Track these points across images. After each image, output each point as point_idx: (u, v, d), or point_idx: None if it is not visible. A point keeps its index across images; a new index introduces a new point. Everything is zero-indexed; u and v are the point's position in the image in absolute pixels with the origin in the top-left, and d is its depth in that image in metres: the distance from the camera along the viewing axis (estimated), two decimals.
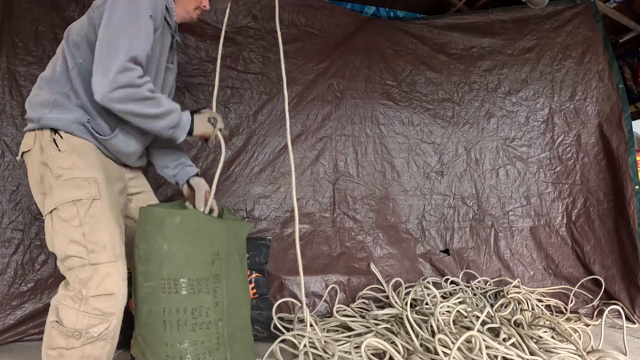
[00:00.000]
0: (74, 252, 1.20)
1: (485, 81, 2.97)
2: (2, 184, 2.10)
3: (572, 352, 1.77)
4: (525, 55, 2.98)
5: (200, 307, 1.27)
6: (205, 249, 1.31)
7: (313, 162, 2.69)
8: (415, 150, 2.87)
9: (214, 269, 1.30)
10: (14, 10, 2.18)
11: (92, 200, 1.23)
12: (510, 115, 2.96)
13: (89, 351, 1.17)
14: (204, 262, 1.29)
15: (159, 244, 1.25)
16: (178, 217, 1.28)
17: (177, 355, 1.24)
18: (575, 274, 2.76)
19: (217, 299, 1.30)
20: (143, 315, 1.28)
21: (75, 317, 1.16)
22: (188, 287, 1.25)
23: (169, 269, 1.25)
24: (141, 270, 1.28)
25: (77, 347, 1.16)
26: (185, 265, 1.26)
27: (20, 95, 2.16)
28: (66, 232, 1.21)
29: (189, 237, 1.28)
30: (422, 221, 2.83)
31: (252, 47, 2.60)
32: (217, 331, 1.29)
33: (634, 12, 3.32)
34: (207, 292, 1.28)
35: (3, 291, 2.02)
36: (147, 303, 1.27)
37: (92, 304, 1.17)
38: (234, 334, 1.36)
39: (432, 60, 2.94)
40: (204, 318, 1.26)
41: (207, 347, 1.27)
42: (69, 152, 1.27)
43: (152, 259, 1.26)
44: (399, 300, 2.27)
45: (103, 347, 1.19)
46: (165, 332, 1.24)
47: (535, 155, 2.94)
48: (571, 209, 2.88)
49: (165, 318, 1.24)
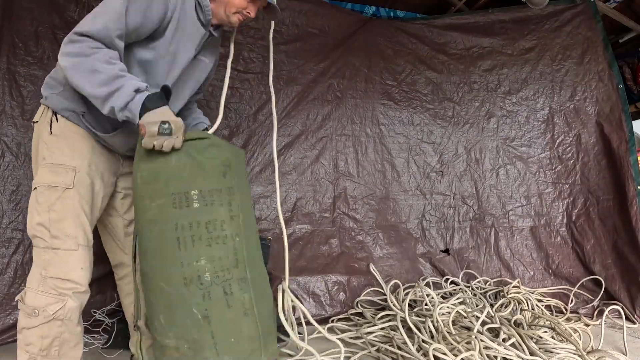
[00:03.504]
0: (39, 233, 1.26)
1: (485, 81, 2.97)
2: (2, 184, 2.10)
3: (572, 352, 1.78)
4: (525, 55, 2.99)
5: (215, 220, 1.18)
6: (217, 160, 1.22)
7: (313, 161, 2.69)
8: (416, 150, 2.88)
9: (226, 181, 1.22)
10: (14, 10, 2.18)
11: (65, 188, 1.27)
12: (511, 115, 2.96)
13: (46, 330, 1.22)
14: (215, 172, 1.21)
15: (166, 159, 1.18)
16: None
17: (195, 274, 1.16)
18: (575, 273, 2.76)
19: (233, 213, 1.21)
20: (151, 239, 1.20)
21: (34, 295, 1.23)
22: (200, 199, 1.17)
23: (177, 182, 1.18)
24: (146, 192, 1.20)
25: (35, 325, 1.22)
26: (195, 177, 1.19)
27: (20, 95, 2.16)
28: (37, 214, 1.27)
29: (199, 149, 1.21)
30: (422, 221, 2.83)
31: (252, 46, 2.60)
32: (234, 247, 1.20)
33: (634, 12, 3.31)
34: (221, 204, 1.19)
35: (3, 291, 2.02)
36: (156, 224, 1.18)
37: (49, 284, 1.23)
38: (254, 255, 1.28)
39: (432, 60, 2.94)
40: (219, 232, 1.18)
41: (224, 264, 1.18)
42: (58, 136, 1.31)
43: (160, 176, 1.18)
44: (397, 304, 2.27)
45: (60, 326, 1.24)
46: (179, 250, 1.16)
47: (535, 155, 2.94)
48: (571, 209, 2.88)
49: (179, 235, 1.16)
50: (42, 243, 1.26)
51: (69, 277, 1.24)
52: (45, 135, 1.32)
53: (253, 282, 1.23)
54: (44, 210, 1.26)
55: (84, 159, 1.32)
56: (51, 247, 1.25)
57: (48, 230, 1.25)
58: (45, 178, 1.28)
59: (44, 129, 1.33)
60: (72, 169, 1.29)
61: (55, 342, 1.24)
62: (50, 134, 1.31)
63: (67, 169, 1.29)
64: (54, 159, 1.29)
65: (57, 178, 1.28)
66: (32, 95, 2.18)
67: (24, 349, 1.26)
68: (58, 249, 1.25)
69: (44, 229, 1.26)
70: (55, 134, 1.31)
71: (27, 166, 2.15)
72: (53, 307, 1.22)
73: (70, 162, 1.30)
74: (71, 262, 1.26)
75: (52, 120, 1.31)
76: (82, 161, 1.31)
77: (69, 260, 1.26)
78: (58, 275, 1.24)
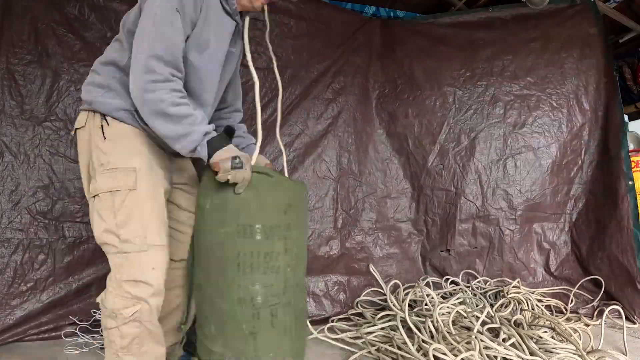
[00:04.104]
0: (108, 240, 1.29)
1: (489, 67, 2.90)
2: (2, 184, 2.10)
3: (572, 352, 1.78)
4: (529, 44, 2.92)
5: (272, 252, 1.34)
6: (280, 199, 1.38)
7: (315, 160, 2.69)
8: (415, 144, 2.85)
9: (286, 218, 1.38)
10: (13, 8, 2.17)
11: (128, 191, 1.28)
12: (511, 114, 2.95)
13: (125, 331, 1.26)
14: (278, 211, 1.37)
15: (236, 195, 1.32)
16: (257, 172, 1.37)
17: (249, 296, 1.31)
18: (575, 274, 2.75)
19: (288, 246, 1.37)
20: (214, 260, 1.35)
21: (112, 299, 1.27)
22: (262, 233, 1.33)
23: (246, 215, 1.33)
24: (215, 218, 1.36)
25: (115, 326, 1.26)
26: (260, 213, 1.34)
27: (20, 94, 2.15)
28: (102, 221, 1.29)
29: (265, 188, 1.36)
30: (423, 220, 2.82)
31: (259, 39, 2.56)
32: (285, 277, 1.36)
33: (634, 12, 3.31)
34: (279, 239, 1.35)
35: (3, 291, 2.02)
36: (220, 248, 1.34)
37: (124, 288, 1.26)
38: (300, 283, 1.44)
39: (432, 50, 2.89)
40: (274, 262, 1.34)
41: (275, 290, 1.34)
42: (113, 140, 1.31)
43: (229, 207, 1.33)
44: (397, 304, 2.27)
45: (138, 327, 1.26)
46: (238, 274, 1.31)
47: (535, 155, 2.92)
48: (572, 210, 2.87)
49: (240, 261, 1.31)
50: (113, 249, 1.28)
51: (142, 279, 1.26)
52: (98, 142, 1.31)
53: (295, 306, 1.40)
54: (110, 216, 1.28)
55: (142, 157, 1.33)
56: (122, 251, 1.27)
57: (117, 235, 1.27)
58: (106, 184, 1.29)
59: (94, 134, 1.32)
60: (132, 170, 1.30)
61: (135, 341, 1.27)
62: (104, 140, 1.31)
63: (127, 171, 1.29)
64: (112, 164, 1.29)
65: (119, 182, 1.28)
66: (31, 94, 2.18)
67: (108, 345, 1.31)
68: (128, 253, 1.27)
69: (112, 235, 1.28)
70: (109, 139, 1.31)
71: (27, 166, 2.14)
72: (129, 310, 1.25)
73: (130, 163, 1.30)
74: (142, 263, 1.28)
75: (102, 125, 1.32)
76: (141, 160, 1.32)
77: (140, 262, 1.28)
78: (130, 278, 1.26)
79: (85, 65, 2.26)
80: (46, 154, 2.18)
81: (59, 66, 2.22)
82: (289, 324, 1.37)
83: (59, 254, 2.14)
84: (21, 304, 2.03)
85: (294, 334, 1.39)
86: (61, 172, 2.19)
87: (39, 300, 2.06)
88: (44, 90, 2.20)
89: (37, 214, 2.13)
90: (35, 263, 2.10)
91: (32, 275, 2.08)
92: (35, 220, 2.13)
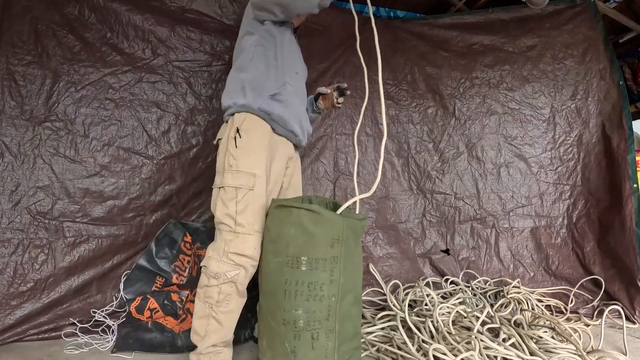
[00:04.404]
0: (226, 221, 1.65)
1: (487, 77, 2.95)
2: (2, 184, 2.10)
3: (572, 352, 1.78)
4: (526, 53, 2.98)
5: (315, 282, 1.50)
6: (326, 235, 1.52)
7: (313, 160, 2.69)
8: (416, 149, 2.87)
9: (332, 251, 1.52)
10: (13, 8, 2.17)
11: (248, 190, 1.66)
12: (512, 114, 2.96)
13: (224, 289, 1.63)
14: (323, 244, 1.52)
15: (288, 228, 1.55)
16: (304, 209, 1.56)
17: (292, 319, 1.49)
18: (575, 274, 2.76)
19: (333, 277, 1.51)
20: (269, 284, 1.57)
21: (217, 264, 1.63)
22: (307, 264, 1.50)
23: (293, 248, 1.52)
24: (271, 248, 1.60)
25: (215, 285, 1.63)
26: (307, 246, 1.51)
27: (20, 95, 2.16)
28: (224, 206, 1.66)
29: (312, 224, 1.52)
30: (423, 221, 2.83)
31: None
32: (329, 305, 1.50)
33: (634, 12, 3.31)
34: (324, 270, 1.51)
35: (2, 291, 2.02)
36: (273, 275, 1.56)
37: (230, 257, 1.63)
38: (347, 311, 1.55)
39: (432, 55, 2.93)
40: (317, 292, 1.49)
41: (317, 316, 1.49)
42: (242, 149, 1.69)
43: (281, 240, 1.56)
44: (397, 304, 2.27)
45: (232, 287, 1.64)
46: (284, 299, 1.51)
47: (536, 155, 2.93)
48: (572, 210, 2.88)
49: (286, 288, 1.51)
50: (228, 228, 1.64)
51: (245, 253, 1.63)
52: (231, 149, 1.70)
53: (340, 333, 1.53)
54: (232, 204, 1.65)
55: (262, 166, 1.70)
56: (234, 231, 1.63)
57: (234, 219, 1.63)
58: (233, 181, 1.67)
59: (229, 143, 1.71)
60: (253, 175, 1.67)
61: (227, 298, 1.64)
62: (235, 148, 1.69)
63: (249, 175, 1.67)
64: (239, 167, 1.67)
65: (242, 182, 1.66)
66: (31, 94, 2.18)
67: (203, 300, 1.65)
68: (239, 233, 1.63)
69: (230, 218, 1.64)
70: (239, 147, 1.69)
71: (27, 166, 2.15)
72: (231, 273, 1.62)
73: (252, 170, 1.68)
74: (248, 242, 1.64)
75: (235, 137, 1.70)
76: (261, 169, 1.69)
77: (247, 241, 1.64)
78: (237, 251, 1.62)
79: (85, 66, 2.27)
80: (46, 154, 2.18)
81: (59, 67, 2.22)
82: (331, 349, 1.51)
83: (59, 254, 2.14)
84: (21, 304, 2.03)
85: (335, 358, 1.52)
86: (61, 172, 2.20)
87: (38, 301, 2.06)
88: (44, 91, 2.20)
89: (37, 214, 2.13)
90: (35, 263, 2.10)
91: (32, 275, 2.08)
92: (35, 220, 2.13)
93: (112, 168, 2.28)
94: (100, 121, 2.29)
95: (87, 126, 2.26)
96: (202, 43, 2.48)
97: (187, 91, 2.44)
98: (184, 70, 2.43)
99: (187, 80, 2.44)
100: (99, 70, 2.29)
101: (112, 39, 2.32)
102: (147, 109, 2.37)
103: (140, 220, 2.30)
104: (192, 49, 2.46)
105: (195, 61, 2.46)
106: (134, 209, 2.29)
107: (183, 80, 2.43)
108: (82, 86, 2.26)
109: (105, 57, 2.31)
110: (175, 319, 2.10)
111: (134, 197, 2.30)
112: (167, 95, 2.41)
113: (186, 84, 2.44)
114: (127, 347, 1.95)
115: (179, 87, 2.43)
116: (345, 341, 1.55)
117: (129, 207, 2.28)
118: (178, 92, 2.43)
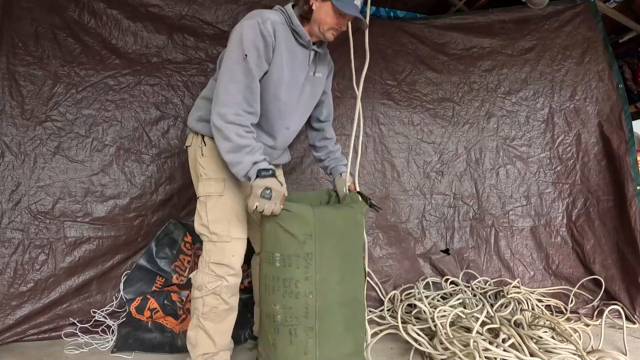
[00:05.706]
0: (203, 231, 1.64)
1: (485, 81, 2.97)
2: (2, 184, 2.10)
3: (572, 352, 1.77)
4: (525, 55, 2.98)
5: (290, 279, 1.49)
6: (297, 230, 1.50)
7: (313, 161, 2.69)
8: (416, 150, 2.88)
9: (306, 247, 1.50)
10: (14, 10, 2.18)
11: (218, 195, 1.62)
12: (511, 115, 2.96)
13: (208, 301, 1.61)
14: (294, 241, 1.50)
15: (265, 223, 1.56)
16: None
17: (271, 313, 1.52)
18: (575, 274, 2.76)
19: (308, 275, 1.49)
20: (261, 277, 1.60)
21: (200, 275, 1.62)
22: (280, 260, 1.50)
23: (269, 244, 1.54)
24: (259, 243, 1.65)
25: (200, 296, 1.61)
26: (279, 243, 1.51)
27: (20, 95, 2.16)
28: (200, 217, 1.65)
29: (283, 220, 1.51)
30: (422, 221, 2.83)
31: None
32: (306, 302, 1.49)
33: (634, 12, 3.31)
34: (297, 267, 1.49)
35: (3, 291, 2.03)
36: (261, 269, 1.59)
37: (211, 268, 1.61)
38: (330, 311, 1.53)
39: (432, 60, 2.94)
40: (293, 288, 1.49)
41: (294, 312, 1.49)
42: (208, 157, 1.64)
43: (264, 235, 1.58)
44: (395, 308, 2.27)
45: (216, 299, 1.61)
46: (265, 293, 1.55)
47: (535, 155, 2.93)
48: (571, 209, 2.88)
49: (266, 283, 1.54)
50: (206, 238, 1.63)
51: (224, 262, 1.60)
52: (199, 158, 1.66)
53: (321, 331, 1.51)
54: (204, 214, 1.62)
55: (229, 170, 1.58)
56: (211, 240, 1.61)
57: (208, 228, 1.61)
58: (204, 190, 1.64)
59: (196, 152, 1.68)
60: (222, 180, 1.62)
61: (213, 310, 1.61)
62: (202, 156, 1.65)
63: (217, 180, 1.63)
64: (208, 175, 1.64)
65: (212, 189, 1.63)
66: (32, 94, 2.19)
67: (193, 310, 1.66)
68: (216, 242, 1.61)
69: (205, 228, 1.62)
70: (205, 156, 1.65)
71: (27, 166, 2.15)
72: (212, 285, 1.60)
73: (220, 175, 1.62)
74: (226, 251, 1.61)
75: (201, 145, 1.65)
76: (229, 172, 1.59)
77: (224, 249, 1.61)
78: (216, 261, 1.60)
79: (84, 68, 2.28)
80: (47, 154, 2.19)
81: (59, 68, 2.24)
82: (311, 346, 1.50)
83: (60, 254, 2.14)
84: (21, 304, 2.04)
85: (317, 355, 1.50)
86: (62, 171, 2.20)
87: (38, 301, 2.07)
88: (45, 91, 2.21)
89: (37, 214, 2.14)
90: (35, 263, 2.10)
91: (33, 275, 2.09)
92: (35, 220, 2.13)
93: (112, 168, 2.29)
94: (101, 122, 2.30)
95: (88, 126, 2.27)
96: (197, 50, 2.50)
97: (184, 94, 2.46)
98: (181, 74, 2.45)
99: (185, 83, 2.46)
100: (99, 73, 2.31)
101: (111, 43, 2.34)
102: (146, 111, 2.39)
103: (141, 220, 2.31)
104: (188, 55, 2.48)
105: (191, 65, 2.48)
106: (135, 208, 2.30)
107: (181, 84, 2.45)
108: (83, 87, 2.28)
109: (105, 60, 2.32)
110: (175, 319, 2.10)
111: (135, 197, 2.30)
112: (166, 97, 2.43)
113: (184, 87, 2.46)
114: (127, 347, 1.95)
115: (177, 90, 2.45)
116: (330, 341, 1.53)
117: (130, 207, 2.29)
118: (176, 94, 2.44)
